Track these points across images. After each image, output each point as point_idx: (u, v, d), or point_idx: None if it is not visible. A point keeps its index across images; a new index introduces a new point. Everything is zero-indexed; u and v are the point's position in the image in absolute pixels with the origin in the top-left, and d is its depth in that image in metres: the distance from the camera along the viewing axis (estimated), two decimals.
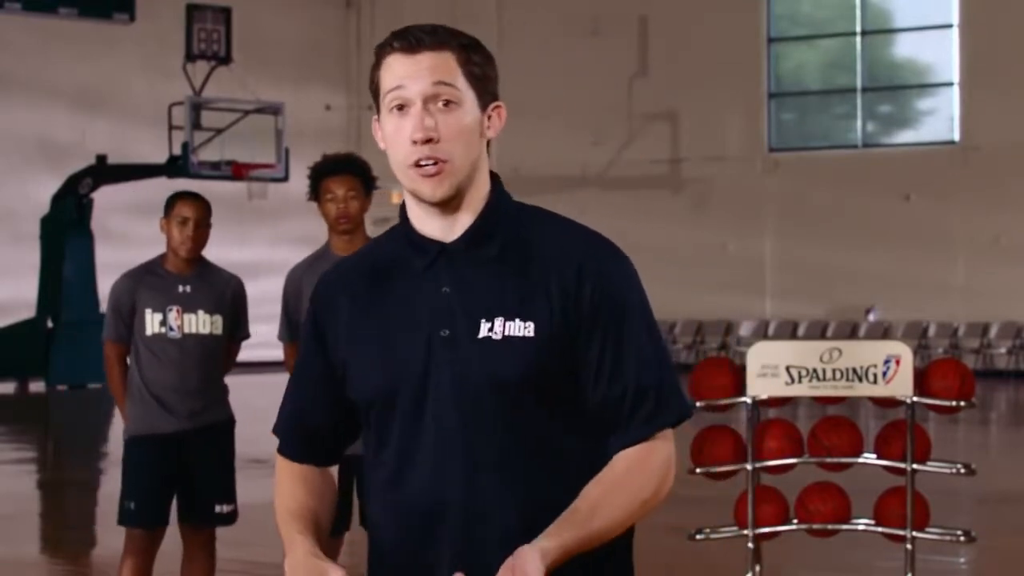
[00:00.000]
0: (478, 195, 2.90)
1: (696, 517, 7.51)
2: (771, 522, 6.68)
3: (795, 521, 6.70)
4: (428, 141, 2.80)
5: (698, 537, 6.85)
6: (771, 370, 6.56)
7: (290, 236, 29.80)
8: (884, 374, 6.50)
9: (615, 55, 31.34)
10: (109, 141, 28.57)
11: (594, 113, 31.55)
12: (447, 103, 2.82)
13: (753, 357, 6.62)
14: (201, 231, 6.97)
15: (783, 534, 6.79)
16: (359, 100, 34.65)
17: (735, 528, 6.73)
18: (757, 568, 6.77)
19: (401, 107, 2.83)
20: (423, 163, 2.81)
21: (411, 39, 2.83)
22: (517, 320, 2.83)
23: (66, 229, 25.93)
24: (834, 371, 6.53)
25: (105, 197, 26.61)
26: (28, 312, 26.68)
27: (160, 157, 26.75)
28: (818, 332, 29.07)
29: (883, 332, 28.33)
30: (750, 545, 6.72)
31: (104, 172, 26.53)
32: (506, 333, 2.82)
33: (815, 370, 6.53)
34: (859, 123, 30.38)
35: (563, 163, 31.70)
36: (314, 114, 32.80)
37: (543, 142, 31.64)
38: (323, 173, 6.73)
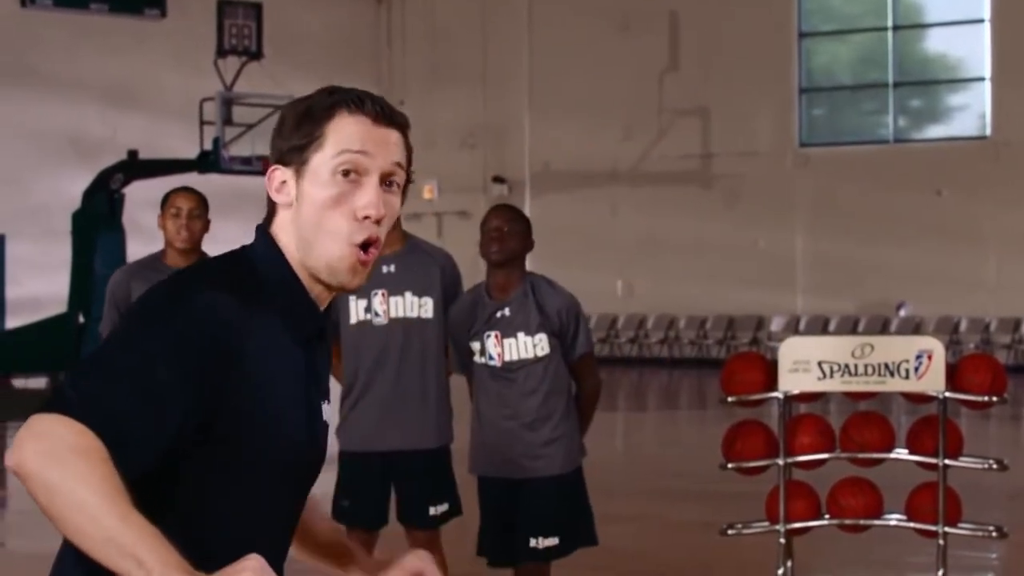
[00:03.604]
0: None
1: (728, 512, 7.51)
2: (802, 517, 6.69)
3: (827, 516, 6.70)
4: (378, 221, 2.59)
5: (730, 532, 6.85)
6: (803, 365, 6.56)
7: None
8: (916, 369, 6.50)
9: (646, 50, 31.31)
10: (140, 136, 28.65)
11: (625, 108, 31.51)
12: (392, 185, 2.63)
13: (785, 352, 6.62)
14: (195, 222, 6.99)
15: (814, 529, 6.79)
16: (390, 95, 34.61)
17: (766, 523, 6.74)
18: (788, 563, 6.77)
19: (348, 172, 2.58)
20: (369, 248, 2.60)
21: (382, 109, 2.63)
22: (325, 404, 2.75)
23: (97, 224, 25.97)
24: (866, 366, 6.53)
25: (136, 192, 26.66)
26: (59, 307, 26.76)
27: (191, 152, 26.81)
28: (849, 327, 28.99)
29: (914, 327, 28.24)
30: (781, 540, 6.73)
31: (135, 167, 26.58)
32: (324, 417, 2.75)
33: (847, 365, 6.53)
34: (890, 118, 30.30)
35: (593, 158, 31.66)
36: None
37: (573, 137, 31.64)
38: None
